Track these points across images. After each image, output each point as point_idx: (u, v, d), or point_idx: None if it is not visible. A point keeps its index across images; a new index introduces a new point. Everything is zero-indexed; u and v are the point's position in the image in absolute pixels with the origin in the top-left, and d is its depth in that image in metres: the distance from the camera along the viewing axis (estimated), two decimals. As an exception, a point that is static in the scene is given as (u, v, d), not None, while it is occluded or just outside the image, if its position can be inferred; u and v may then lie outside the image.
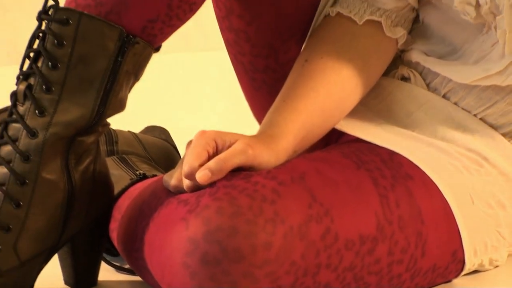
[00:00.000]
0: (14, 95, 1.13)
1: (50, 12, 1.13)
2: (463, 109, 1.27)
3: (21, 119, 1.12)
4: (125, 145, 1.54)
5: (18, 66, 1.19)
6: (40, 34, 1.14)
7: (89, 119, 1.14)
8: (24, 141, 1.12)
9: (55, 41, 1.12)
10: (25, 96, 1.12)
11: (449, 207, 1.17)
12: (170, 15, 1.15)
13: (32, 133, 1.12)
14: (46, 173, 1.13)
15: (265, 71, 1.34)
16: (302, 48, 1.29)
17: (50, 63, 1.12)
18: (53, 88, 1.12)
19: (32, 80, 1.13)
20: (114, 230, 1.24)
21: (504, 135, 1.27)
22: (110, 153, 1.50)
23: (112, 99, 1.15)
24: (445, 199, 1.17)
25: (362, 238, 1.08)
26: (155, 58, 1.21)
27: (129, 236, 1.13)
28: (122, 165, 1.43)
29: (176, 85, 2.04)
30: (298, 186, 1.07)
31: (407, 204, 1.14)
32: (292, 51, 1.31)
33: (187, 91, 2.01)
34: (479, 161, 1.25)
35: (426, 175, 1.17)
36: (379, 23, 1.27)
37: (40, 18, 1.13)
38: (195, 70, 2.00)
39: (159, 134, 1.63)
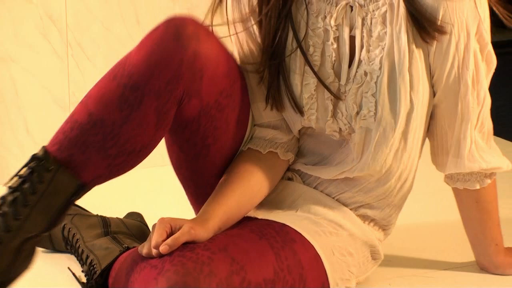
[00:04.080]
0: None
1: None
2: (326, 194, 1.52)
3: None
4: (115, 227, 1.70)
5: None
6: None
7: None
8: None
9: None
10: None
11: (320, 257, 1.43)
12: (112, 171, 1.39)
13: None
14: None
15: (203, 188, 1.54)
16: (228, 167, 1.51)
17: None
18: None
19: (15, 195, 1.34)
20: (111, 284, 1.46)
21: (351, 209, 1.52)
22: (106, 233, 1.66)
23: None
24: (317, 252, 1.43)
25: (265, 281, 1.35)
26: (134, 171, 1.43)
27: (120, 288, 1.35)
28: (114, 241, 1.59)
29: (148, 190, 2.18)
30: (223, 254, 1.32)
31: (292, 257, 1.39)
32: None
33: (153, 193, 2.15)
34: (336, 227, 1.49)
35: (304, 237, 1.42)
36: (276, 152, 1.52)
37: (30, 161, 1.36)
38: (160, 180, 2.18)
39: (136, 217, 1.79)
